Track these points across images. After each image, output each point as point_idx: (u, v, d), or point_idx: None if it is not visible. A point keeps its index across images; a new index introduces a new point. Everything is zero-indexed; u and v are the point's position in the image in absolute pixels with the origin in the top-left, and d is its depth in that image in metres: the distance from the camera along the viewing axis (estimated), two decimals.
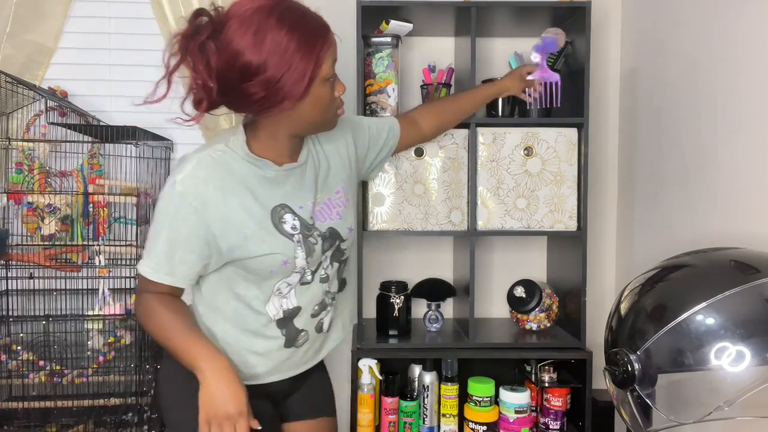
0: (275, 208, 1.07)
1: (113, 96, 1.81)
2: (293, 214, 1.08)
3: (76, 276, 1.66)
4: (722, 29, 1.31)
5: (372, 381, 1.58)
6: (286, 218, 1.07)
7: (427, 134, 1.44)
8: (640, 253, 1.71)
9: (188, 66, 0.95)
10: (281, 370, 1.17)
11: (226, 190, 1.03)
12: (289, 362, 1.17)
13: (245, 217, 1.04)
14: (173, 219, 1.02)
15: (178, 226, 1.02)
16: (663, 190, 1.56)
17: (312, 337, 1.17)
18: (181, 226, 1.02)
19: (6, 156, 1.65)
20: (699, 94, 1.39)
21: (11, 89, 1.61)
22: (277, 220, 1.06)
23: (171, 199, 1.02)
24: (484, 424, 1.53)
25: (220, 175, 1.03)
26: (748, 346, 0.83)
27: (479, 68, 1.73)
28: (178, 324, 1.05)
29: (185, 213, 1.01)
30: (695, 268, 0.99)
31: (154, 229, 1.04)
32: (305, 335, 1.15)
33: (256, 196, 1.05)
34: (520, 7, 1.56)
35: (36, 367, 1.59)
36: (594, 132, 1.83)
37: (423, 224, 1.59)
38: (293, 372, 1.19)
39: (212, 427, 0.99)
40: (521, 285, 1.69)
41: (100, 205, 1.62)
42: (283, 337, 1.13)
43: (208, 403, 0.99)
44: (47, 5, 1.75)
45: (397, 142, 1.35)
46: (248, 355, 1.12)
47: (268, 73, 0.94)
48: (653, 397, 0.90)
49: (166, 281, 1.05)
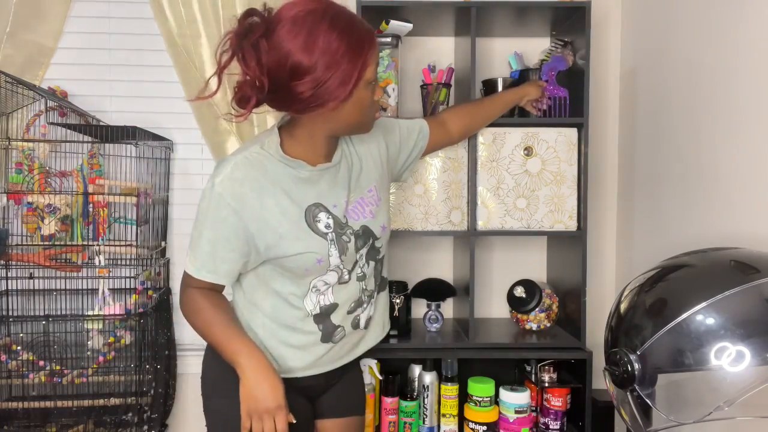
0: (309, 207, 1.10)
1: (113, 96, 1.81)
2: (327, 212, 1.11)
3: (76, 276, 1.66)
4: (722, 29, 1.31)
5: (372, 381, 1.58)
6: (320, 217, 1.10)
7: (455, 136, 1.45)
8: (640, 253, 1.71)
9: (240, 63, 0.98)
10: (318, 365, 1.19)
11: (262, 191, 1.06)
12: (326, 357, 1.19)
13: (280, 216, 1.07)
14: (214, 220, 1.06)
15: (219, 227, 1.06)
16: (663, 190, 1.56)
17: (348, 333, 1.19)
18: (221, 227, 1.06)
19: (6, 156, 1.65)
20: (699, 94, 1.39)
21: (11, 89, 1.61)
22: (311, 219, 1.09)
23: (210, 201, 1.06)
24: (484, 424, 1.53)
25: (255, 175, 1.06)
26: (748, 346, 0.83)
27: (479, 68, 1.73)
28: (220, 320, 1.10)
29: (224, 214, 1.05)
30: (695, 268, 0.99)
31: (197, 229, 1.09)
32: (342, 331, 1.18)
33: (290, 196, 1.08)
34: (520, 7, 1.56)
35: (36, 367, 1.59)
36: (594, 132, 1.83)
37: (423, 224, 1.59)
38: (329, 367, 1.21)
39: (253, 420, 1.05)
40: (521, 285, 1.69)
41: (100, 205, 1.62)
42: (320, 332, 1.16)
43: (248, 397, 1.05)
44: (47, 5, 1.75)
45: (426, 144, 1.36)
46: (286, 349, 1.15)
47: (317, 73, 0.97)
48: (653, 397, 0.90)
49: (209, 279, 1.10)
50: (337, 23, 0.97)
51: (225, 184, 1.05)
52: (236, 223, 1.06)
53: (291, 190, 1.08)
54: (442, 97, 1.69)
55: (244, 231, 1.06)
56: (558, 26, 1.72)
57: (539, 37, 1.81)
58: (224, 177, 1.05)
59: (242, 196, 1.05)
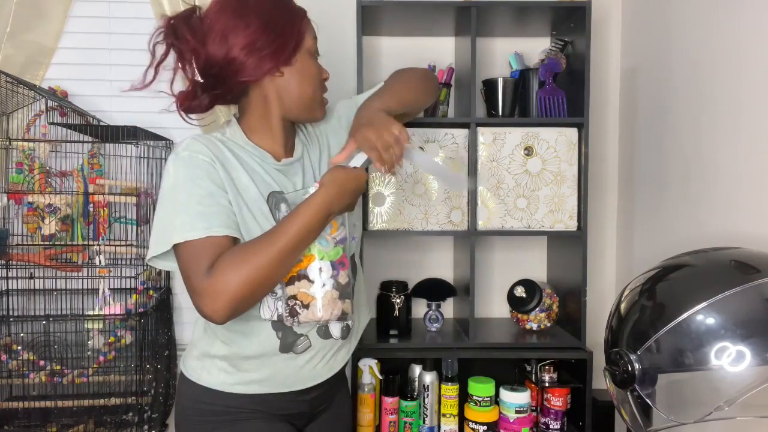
0: (272, 194, 1.05)
1: (113, 96, 1.81)
2: (289, 206, 1.05)
3: (77, 276, 1.65)
4: (722, 28, 1.31)
5: (372, 381, 1.58)
6: (281, 207, 1.05)
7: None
8: (640, 253, 1.71)
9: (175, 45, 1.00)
10: (285, 381, 1.09)
11: (225, 163, 1.02)
12: (291, 371, 1.09)
13: (243, 191, 1.02)
14: (188, 181, 0.96)
15: (198, 184, 0.96)
16: (663, 190, 1.56)
17: (317, 345, 1.09)
18: (201, 183, 0.96)
19: (6, 156, 1.65)
20: (699, 93, 1.39)
21: (11, 89, 1.61)
22: (272, 204, 1.04)
23: (176, 167, 0.98)
24: (485, 424, 1.53)
25: (218, 149, 1.02)
26: (748, 346, 0.83)
27: (479, 68, 1.73)
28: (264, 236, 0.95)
29: (199, 171, 0.97)
30: (695, 268, 0.99)
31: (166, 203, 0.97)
32: (305, 341, 1.07)
33: (253, 179, 1.04)
34: (520, 7, 1.56)
35: (36, 366, 1.59)
36: (594, 132, 1.83)
37: (423, 224, 1.59)
38: (300, 386, 1.11)
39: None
40: (521, 285, 1.69)
41: (101, 205, 1.62)
42: (279, 340, 1.06)
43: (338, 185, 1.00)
44: (47, 5, 1.75)
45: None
46: (244, 361, 1.07)
47: (251, 31, 0.98)
48: (653, 397, 0.90)
49: (213, 233, 0.93)
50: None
51: (191, 148, 0.99)
52: (214, 174, 0.98)
53: (254, 174, 1.04)
54: (442, 97, 1.70)
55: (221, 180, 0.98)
56: (558, 26, 1.72)
57: (539, 37, 1.81)
58: (186, 146, 1.00)
59: (211, 157, 0.99)
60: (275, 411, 1.10)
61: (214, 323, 0.96)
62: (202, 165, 0.98)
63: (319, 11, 1.82)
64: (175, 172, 0.98)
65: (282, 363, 1.08)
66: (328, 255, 1.03)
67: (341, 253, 1.05)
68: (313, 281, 1.01)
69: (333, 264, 1.03)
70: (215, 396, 1.08)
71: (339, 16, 1.80)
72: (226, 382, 1.08)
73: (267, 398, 1.09)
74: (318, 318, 1.02)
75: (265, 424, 1.09)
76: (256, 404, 1.09)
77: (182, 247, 0.94)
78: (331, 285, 1.02)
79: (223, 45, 0.99)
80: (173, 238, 0.94)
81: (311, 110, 1.09)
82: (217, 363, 1.09)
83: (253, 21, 0.99)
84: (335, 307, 1.03)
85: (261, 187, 1.04)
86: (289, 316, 1.02)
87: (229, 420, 1.08)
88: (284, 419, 1.12)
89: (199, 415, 1.09)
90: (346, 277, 1.05)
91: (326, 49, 1.80)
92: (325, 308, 1.02)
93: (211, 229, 0.94)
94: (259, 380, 1.08)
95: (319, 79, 1.09)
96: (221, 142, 1.04)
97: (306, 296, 1.01)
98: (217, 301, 0.90)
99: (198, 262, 0.92)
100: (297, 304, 1.01)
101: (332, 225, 1.04)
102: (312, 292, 1.01)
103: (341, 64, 1.80)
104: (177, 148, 1.01)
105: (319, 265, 1.02)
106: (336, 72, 1.81)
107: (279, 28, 1.01)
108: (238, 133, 1.07)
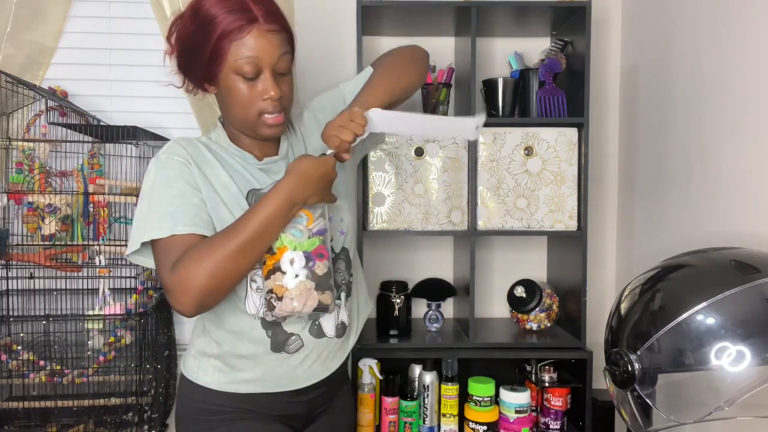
0: (251, 191, 1.06)
1: (113, 96, 1.81)
2: None
3: (77, 276, 1.65)
4: (722, 28, 1.31)
5: (372, 381, 1.58)
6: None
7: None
8: (640, 253, 1.71)
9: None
10: (277, 381, 1.09)
11: (202, 163, 1.05)
12: (283, 371, 1.08)
13: (220, 189, 1.04)
14: (163, 182, 1.01)
15: (172, 185, 1.01)
16: (663, 190, 1.56)
17: (310, 344, 1.08)
18: (174, 184, 1.01)
19: (6, 156, 1.65)
20: (699, 93, 1.39)
21: (12, 89, 1.61)
22: (252, 201, 1.05)
23: (157, 170, 1.03)
24: (485, 424, 1.53)
25: (199, 150, 1.06)
26: (748, 346, 0.83)
27: (479, 68, 1.73)
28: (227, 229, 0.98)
29: (173, 173, 1.02)
30: (695, 268, 0.99)
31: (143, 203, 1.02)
32: (297, 340, 1.06)
33: (232, 177, 1.06)
34: (520, 7, 1.56)
35: (36, 367, 1.59)
36: (594, 132, 1.83)
37: (423, 224, 1.59)
38: (295, 386, 1.10)
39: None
40: (521, 285, 1.69)
41: (101, 205, 1.62)
42: (269, 339, 1.05)
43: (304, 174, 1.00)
44: (47, 5, 1.75)
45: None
46: (237, 360, 1.07)
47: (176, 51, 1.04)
48: (653, 397, 0.90)
49: (177, 231, 0.97)
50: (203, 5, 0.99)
51: (169, 151, 1.04)
52: (187, 174, 1.02)
53: (235, 173, 1.07)
54: (442, 97, 1.70)
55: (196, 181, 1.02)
56: (558, 26, 1.72)
57: (539, 37, 1.81)
58: (166, 149, 1.05)
59: (188, 159, 1.03)
60: (271, 412, 1.10)
61: (186, 317, 0.99)
62: (177, 166, 1.02)
63: (319, 11, 1.84)
64: (154, 174, 1.03)
65: (275, 362, 1.07)
66: (301, 245, 1.02)
67: (317, 244, 1.03)
68: (285, 272, 1.01)
69: (308, 255, 1.02)
70: (212, 395, 1.08)
71: (339, 16, 1.80)
72: (221, 381, 1.08)
73: (262, 399, 1.09)
74: (292, 309, 1.00)
75: (261, 424, 1.09)
76: (251, 404, 1.09)
77: (153, 246, 1.00)
78: (305, 275, 1.01)
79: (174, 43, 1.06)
80: (143, 237, 0.99)
81: (249, 129, 1.06)
82: (212, 362, 1.09)
83: (177, 43, 1.04)
84: (309, 298, 1.01)
85: (240, 185, 1.06)
86: (267, 309, 1.01)
87: (226, 420, 1.08)
88: (281, 420, 1.11)
89: (197, 414, 1.09)
90: (324, 267, 1.03)
91: (326, 49, 1.81)
92: (298, 299, 1.00)
93: (176, 227, 0.97)
94: (253, 380, 1.08)
95: (252, 100, 1.01)
96: (204, 145, 1.08)
97: (280, 288, 1.00)
98: (183, 294, 0.94)
99: (165, 259, 0.97)
100: (273, 297, 1.01)
101: (307, 216, 1.04)
102: (284, 283, 1.00)
103: (341, 64, 1.80)
104: (159, 153, 1.06)
105: (291, 256, 1.01)
106: (336, 72, 1.83)
107: (193, 52, 1.01)
108: (222, 135, 1.11)
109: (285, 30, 1.03)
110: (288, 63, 1.03)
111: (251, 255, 0.97)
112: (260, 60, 0.98)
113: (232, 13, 0.97)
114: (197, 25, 0.99)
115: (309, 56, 1.78)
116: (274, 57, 0.99)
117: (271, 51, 0.99)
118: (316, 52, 1.78)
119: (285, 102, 1.04)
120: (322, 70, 1.78)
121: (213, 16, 0.97)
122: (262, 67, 0.99)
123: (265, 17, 0.98)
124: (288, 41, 1.04)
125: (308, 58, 1.78)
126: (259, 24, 0.98)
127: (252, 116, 1.03)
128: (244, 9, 0.97)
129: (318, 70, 1.77)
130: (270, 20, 0.99)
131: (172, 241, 0.97)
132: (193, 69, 1.04)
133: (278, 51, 1.00)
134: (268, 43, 0.98)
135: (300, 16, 1.76)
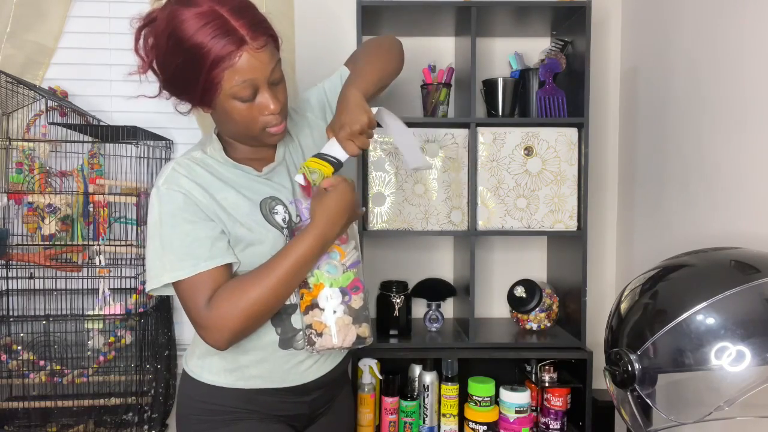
0: (265, 200, 1.06)
1: (113, 96, 1.81)
2: (284, 206, 1.08)
3: (77, 276, 1.65)
4: (722, 28, 1.31)
5: (372, 381, 1.58)
6: (277, 209, 1.07)
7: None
8: (640, 253, 1.71)
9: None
10: (284, 377, 1.10)
11: (209, 186, 1.04)
12: (290, 366, 1.09)
13: (232, 210, 1.04)
14: (170, 215, 1.00)
15: (178, 218, 1.00)
16: (663, 190, 1.56)
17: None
18: (180, 217, 1.00)
19: (6, 156, 1.65)
20: (699, 93, 1.39)
21: (12, 89, 1.61)
22: (267, 210, 1.05)
23: (161, 203, 1.02)
24: (485, 424, 1.53)
25: (200, 172, 1.05)
26: (748, 346, 0.83)
27: (479, 68, 1.73)
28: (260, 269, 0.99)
29: (176, 206, 1.01)
30: (695, 268, 0.99)
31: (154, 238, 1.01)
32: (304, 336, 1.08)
33: (242, 193, 1.05)
34: (520, 7, 1.56)
35: (36, 367, 1.59)
36: (594, 132, 1.83)
37: (423, 224, 1.59)
38: (301, 381, 1.11)
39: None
40: (521, 285, 1.69)
41: (101, 205, 1.62)
42: (278, 336, 1.07)
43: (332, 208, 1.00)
44: (47, 5, 1.75)
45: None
46: (243, 356, 1.08)
47: (161, 82, 1.00)
48: (653, 397, 0.90)
49: (200, 269, 0.98)
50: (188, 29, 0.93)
51: (169, 180, 1.02)
52: (193, 206, 1.01)
53: (242, 188, 1.06)
54: (442, 97, 1.70)
55: (203, 213, 1.01)
56: (558, 26, 1.72)
57: (539, 37, 1.81)
58: (166, 177, 1.03)
59: (188, 186, 1.02)
60: (274, 412, 1.10)
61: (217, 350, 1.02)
62: (179, 200, 1.01)
63: (319, 11, 1.84)
64: (158, 207, 1.02)
65: (282, 359, 1.09)
66: (336, 282, 1.03)
67: (353, 277, 1.05)
68: (323, 309, 1.03)
69: (343, 290, 1.04)
70: (216, 394, 1.08)
71: (339, 16, 1.80)
72: (227, 378, 1.09)
73: (266, 398, 1.09)
74: (333, 345, 1.02)
75: (263, 424, 1.09)
76: (254, 404, 1.09)
77: (177, 285, 1.00)
78: (342, 311, 1.03)
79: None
80: (164, 278, 1.00)
81: (252, 141, 1.06)
82: (218, 360, 1.09)
83: (160, 70, 1.00)
84: (348, 333, 1.03)
85: (251, 200, 1.06)
86: (308, 345, 1.04)
87: (228, 420, 1.08)
88: (283, 420, 1.12)
89: (198, 414, 1.09)
90: (360, 300, 1.05)
91: (326, 49, 1.81)
92: (339, 335, 1.02)
93: (198, 265, 0.99)
94: (260, 375, 1.09)
95: (253, 118, 1.00)
96: (201, 164, 1.06)
97: (319, 324, 1.02)
98: (217, 333, 0.98)
99: (194, 298, 0.99)
100: (312, 333, 1.02)
101: (339, 252, 1.05)
102: (323, 319, 1.02)
103: (341, 64, 1.79)
104: (158, 179, 1.04)
105: (328, 293, 1.03)
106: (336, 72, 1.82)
107: (183, 82, 0.97)
108: (218, 150, 1.08)
109: (272, 38, 0.99)
110: (280, 70, 1.01)
111: (284, 295, 1.01)
112: (255, 80, 0.96)
113: (219, 39, 0.92)
114: (184, 57, 0.94)
115: (309, 56, 1.78)
116: (267, 73, 0.97)
117: (263, 69, 0.96)
118: (316, 52, 1.78)
119: (284, 108, 1.04)
120: (322, 70, 1.76)
121: (199, 46, 0.92)
122: (258, 86, 0.97)
123: (251, 34, 0.93)
124: (276, 47, 1.01)
125: (308, 58, 1.78)
126: (248, 45, 0.93)
127: (255, 132, 1.03)
128: (229, 31, 0.92)
129: (318, 70, 1.76)
130: (256, 36, 0.94)
131: (198, 279, 0.99)
132: (185, 97, 1.00)
133: (270, 65, 0.97)
134: (260, 63, 0.95)
135: (300, 16, 1.76)
